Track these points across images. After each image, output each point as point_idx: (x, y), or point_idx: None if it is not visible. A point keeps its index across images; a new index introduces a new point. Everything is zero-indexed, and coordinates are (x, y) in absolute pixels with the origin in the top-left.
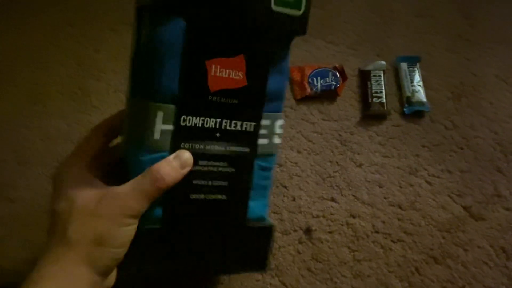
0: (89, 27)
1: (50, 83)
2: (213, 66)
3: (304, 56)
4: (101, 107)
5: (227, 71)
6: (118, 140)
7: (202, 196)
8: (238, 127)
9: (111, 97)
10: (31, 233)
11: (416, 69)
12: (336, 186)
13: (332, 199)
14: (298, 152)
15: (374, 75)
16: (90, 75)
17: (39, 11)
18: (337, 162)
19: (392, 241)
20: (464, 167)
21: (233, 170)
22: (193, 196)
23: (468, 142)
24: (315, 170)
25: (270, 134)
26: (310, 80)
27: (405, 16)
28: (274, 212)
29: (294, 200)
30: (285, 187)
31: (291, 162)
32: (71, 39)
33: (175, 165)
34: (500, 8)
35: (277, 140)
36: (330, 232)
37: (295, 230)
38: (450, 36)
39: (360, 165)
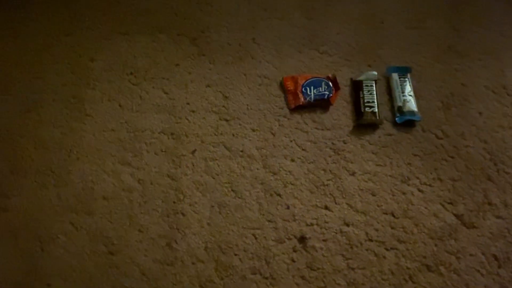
0: (84, 36)
1: (45, 91)
2: None
3: (297, 66)
4: (95, 115)
5: None
6: None
7: None
8: None
9: (105, 105)
10: (24, 242)
11: (407, 79)
12: (330, 194)
13: (326, 207)
14: (292, 160)
15: (366, 85)
16: (84, 84)
17: (34, 20)
18: (330, 171)
19: (386, 249)
20: (455, 175)
21: None
22: None
23: (459, 151)
24: (309, 178)
25: None
26: (303, 89)
27: (396, 28)
28: (268, 221)
29: (288, 208)
30: (279, 195)
31: (285, 170)
32: (66, 48)
33: None
34: (489, 20)
35: None
36: (324, 240)
37: (289, 239)
38: (440, 47)
39: (353, 174)
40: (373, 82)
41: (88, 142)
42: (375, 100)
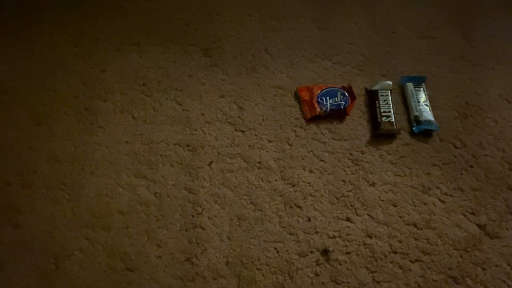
0: (95, 47)
1: (56, 104)
2: None
3: (311, 76)
4: (107, 128)
5: None
6: None
7: None
8: None
9: (118, 117)
10: (38, 259)
11: (422, 88)
12: (351, 205)
13: (348, 219)
14: (311, 171)
15: (382, 95)
16: (96, 96)
17: (44, 32)
18: (350, 181)
19: (410, 261)
20: (476, 185)
21: None
22: None
23: (477, 161)
24: (328, 189)
25: None
26: (319, 99)
27: (408, 38)
28: (289, 234)
29: (309, 220)
30: (300, 207)
31: (304, 182)
32: (77, 60)
33: None
34: (499, 29)
35: None
36: (347, 253)
37: (312, 252)
38: (452, 57)
39: (373, 184)
40: (388, 91)
41: (101, 155)
42: (392, 110)
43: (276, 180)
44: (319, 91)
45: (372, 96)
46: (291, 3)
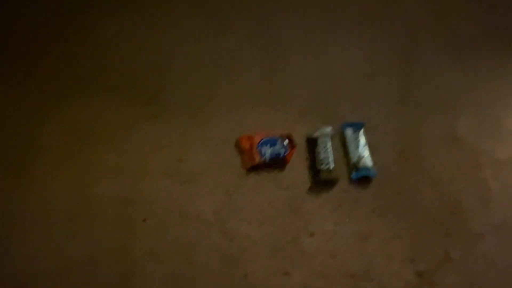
0: (34, 98)
1: None
2: None
3: (254, 124)
4: (43, 183)
5: None
6: None
7: None
8: None
9: (54, 172)
10: None
11: (361, 134)
12: (289, 258)
13: (286, 274)
14: (250, 223)
15: (321, 142)
16: (33, 150)
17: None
18: (289, 232)
19: None
20: (414, 231)
21: None
22: None
23: (416, 206)
24: (267, 242)
25: None
26: (259, 149)
27: (351, 83)
28: None
29: (245, 277)
30: (237, 263)
31: (243, 234)
32: (15, 112)
33: None
34: (438, 72)
35: None
36: None
37: None
38: (393, 100)
39: (312, 234)
40: (328, 138)
41: (34, 212)
42: (330, 157)
43: (213, 234)
44: (259, 140)
45: (312, 144)
46: (239, 49)
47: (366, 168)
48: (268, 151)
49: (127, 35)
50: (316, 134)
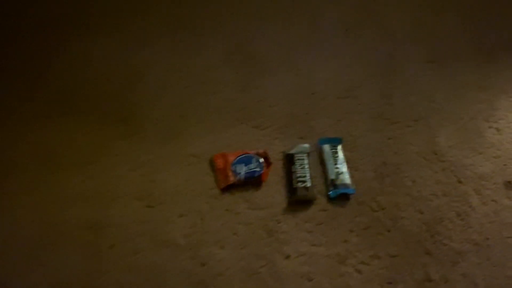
0: (2, 121)
1: None
2: None
3: (229, 142)
4: (7, 211)
5: None
6: None
7: None
8: None
9: (20, 198)
10: None
11: (339, 150)
12: (264, 283)
13: None
14: (222, 247)
15: (298, 159)
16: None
17: None
18: (263, 256)
19: None
20: (393, 251)
21: None
22: None
23: (395, 224)
24: (240, 266)
25: None
26: (233, 167)
27: (328, 98)
28: None
29: None
30: None
31: (215, 259)
32: None
33: None
34: (417, 86)
35: None
36: None
37: None
38: (371, 115)
39: (287, 257)
40: (305, 155)
41: None
42: (307, 175)
43: (184, 260)
44: (233, 158)
45: (289, 161)
46: (214, 67)
47: (344, 185)
48: (243, 170)
49: (98, 55)
50: (293, 151)
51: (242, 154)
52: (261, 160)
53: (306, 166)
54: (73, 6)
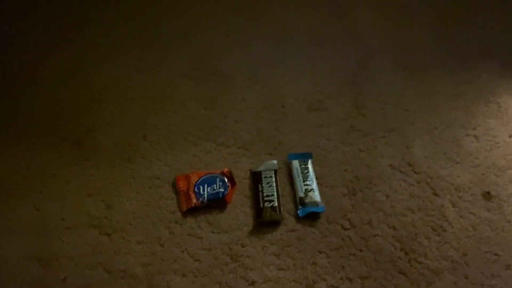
0: None
1: None
2: None
3: (192, 162)
4: None
5: None
6: None
7: None
8: None
9: None
10: None
11: (308, 166)
12: None
13: None
14: (183, 275)
15: (265, 177)
16: None
17: None
18: (226, 283)
19: None
20: (365, 272)
21: None
22: None
23: (367, 243)
24: None
25: None
26: (196, 189)
27: (297, 111)
28: None
29: None
30: None
31: None
32: None
33: None
34: (390, 94)
35: None
36: None
37: None
38: (342, 128)
39: (252, 283)
40: (273, 172)
41: None
42: (275, 193)
43: None
44: (196, 179)
45: (255, 179)
46: (176, 83)
47: (313, 203)
48: (206, 191)
49: (50, 75)
50: (260, 168)
51: (205, 174)
52: (226, 180)
53: (274, 185)
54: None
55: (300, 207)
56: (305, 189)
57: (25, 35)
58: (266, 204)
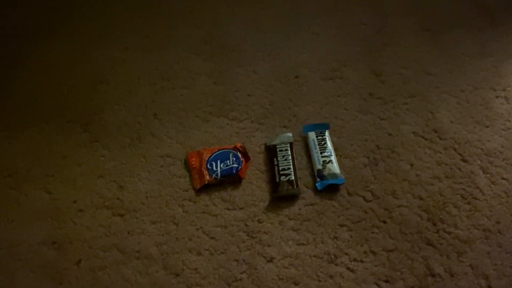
0: None
1: None
2: None
3: (204, 138)
4: None
5: None
6: None
7: None
8: None
9: None
10: None
11: (326, 137)
12: None
13: None
14: (199, 254)
15: (281, 150)
16: None
17: None
18: (244, 260)
19: None
20: (390, 245)
21: None
22: None
23: (391, 214)
24: (219, 274)
25: None
26: (209, 165)
27: (312, 81)
28: None
29: None
30: None
31: (190, 268)
32: None
33: None
34: (410, 59)
35: None
36: None
37: None
38: (361, 96)
39: (271, 260)
40: (288, 145)
41: None
42: (291, 167)
43: (156, 272)
44: (208, 155)
45: (270, 153)
46: (184, 59)
47: (332, 175)
48: (219, 167)
49: (58, 59)
50: (275, 142)
51: (218, 150)
52: (239, 154)
53: (290, 158)
54: (28, 11)
55: (318, 180)
56: (323, 161)
57: (30, 17)
58: (282, 178)
